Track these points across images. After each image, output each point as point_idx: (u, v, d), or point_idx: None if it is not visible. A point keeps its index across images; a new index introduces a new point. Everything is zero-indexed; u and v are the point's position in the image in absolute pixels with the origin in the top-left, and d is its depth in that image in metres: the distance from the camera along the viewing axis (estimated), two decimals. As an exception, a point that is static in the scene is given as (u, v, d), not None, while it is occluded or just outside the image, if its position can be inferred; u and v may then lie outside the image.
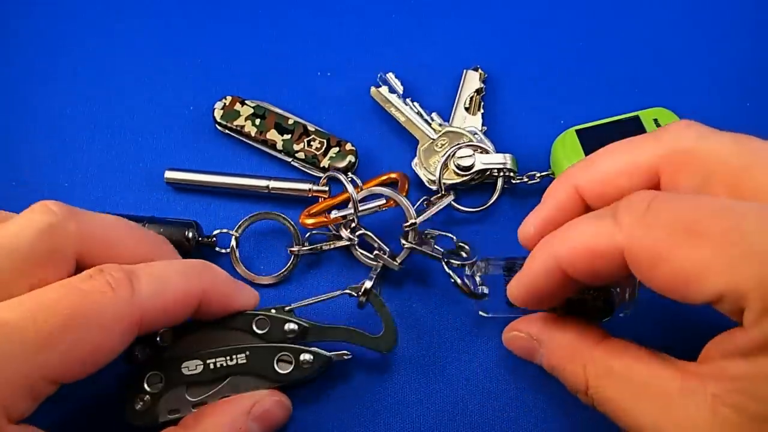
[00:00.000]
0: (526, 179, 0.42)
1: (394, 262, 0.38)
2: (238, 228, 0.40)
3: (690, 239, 0.24)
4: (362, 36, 0.48)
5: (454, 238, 0.40)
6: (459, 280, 0.37)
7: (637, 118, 0.41)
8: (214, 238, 0.40)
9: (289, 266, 0.40)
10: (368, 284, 0.36)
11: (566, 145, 0.41)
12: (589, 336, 0.31)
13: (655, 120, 0.41)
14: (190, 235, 0.39)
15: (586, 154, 0.38)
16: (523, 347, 0.34)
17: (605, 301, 0.33)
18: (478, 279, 0.37)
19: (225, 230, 0.40)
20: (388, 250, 0.38)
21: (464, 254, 0.39)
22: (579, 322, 0.32)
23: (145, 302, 0.29)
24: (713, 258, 0.24)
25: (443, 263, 0.37)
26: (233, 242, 0.40)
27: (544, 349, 0.33)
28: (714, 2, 0.49)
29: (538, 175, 0.41)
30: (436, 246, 0.39)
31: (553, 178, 0.40)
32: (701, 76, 0.46)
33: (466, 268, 0.37)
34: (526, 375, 0.37)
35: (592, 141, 0.40)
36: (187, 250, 0.38)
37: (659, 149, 0.29)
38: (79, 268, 0.30)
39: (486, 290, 0.37)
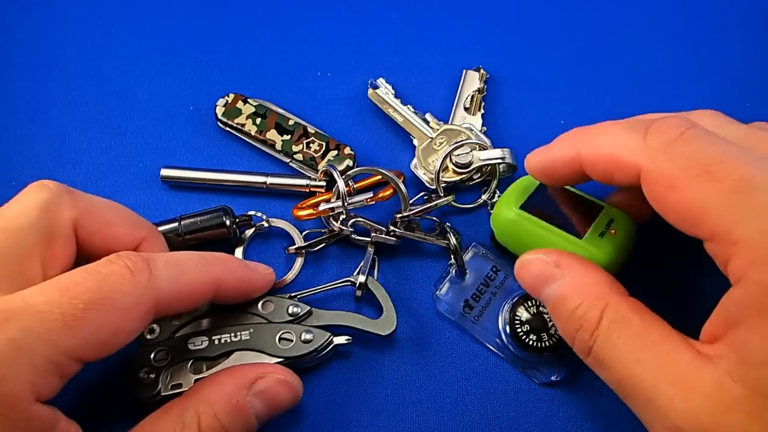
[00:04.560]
0: (472, 205, 0.42)
1: (392, 238, 0.39)
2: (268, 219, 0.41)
3: (704, 178, 0.26)
4: (362, 36, 0.48)
5: (436, 219, 0.40)
6: (454, 242, 0.39)
7: (600, 207, 0.36)
8: (247, 217, 0.40)
9: (295, 269, 0.40)
10: (362, 278, 0.38)
11: (521, 185, 0.38)
12: (617, 286, 0.31)
13: (610, 220, 0.36)
14: (228, 222, 0.39)
15: (528, 199, 0.37)
16: (541, 272, 0.32)
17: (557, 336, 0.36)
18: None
19: (259, 213, 0.41)
20: (384, 229, 0.39)
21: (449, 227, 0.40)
22: (607, 273, 0.32)
23: (162, 287, 0.30)
24: (719, 200, 0.26)
25: (443, 227, 0.40)
26: (250, 233, 0.40)
27: (567, 279, 0.31)
28: (717, 2, 0.49)
29: (491, 201, 0.42)
30: (425, 232, 0.40)
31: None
32: (703, 74, 0.46)
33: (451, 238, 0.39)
34: (525, 376, 0.38)
35: (545, 195, 0.37)
36: (227, 235, 0.39)
37: (643, 148, 0.29)
38: (80, 246, 0.32)
39: (444, 289, 0.39)
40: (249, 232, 0.41)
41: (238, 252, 0.40)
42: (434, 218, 0.40)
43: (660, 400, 0.27)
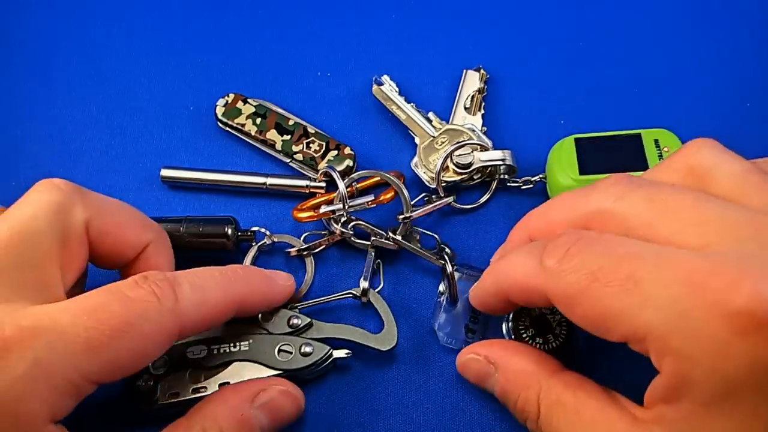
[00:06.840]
0: (521, 183, 0.42)
1: (391, 243, 0.39)
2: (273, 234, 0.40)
3: (595, 286, 0.26)
4: (362, 36, 0.48)
5: (437, 237, 0.40)
6: (449, 268, 0.38)
7: (638, 136, 0.39)
8: (250, 233, 0.40)
9: (307, 280, 0.40)
10: (364, 284, 0.38)
11: (562, 152, 0.40)
12: (547, 365, 0.32)
13: (656, 141, 0.39)
14: (230, 231, 0.38)
15: (580, 163, 0.38)
16: (478, 371, 0.34)
17: (567, 326, 0.35)
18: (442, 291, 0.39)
19: (263, 230, 0.40)
20: (383, 233, 0.39)
21: (447, 253, 0.39)
22: (537, 351, 0.33)
23: (186, 312, 0.30)
24: (614, 304, 0.25)
25: (436, 259, 0.39)
26: (253, 252, 0.40)
27: (499, 374, 0.33)
28: (717, 3, 0.49)
29: (533, 179, 0.41)
30: (421, 246, 0.40)
31: (545, 183, 0.41)
32: (702, 73, 0.46)
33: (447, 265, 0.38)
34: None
35: (588, 152, 0.39)
36: (226, 246, 0.39)
37: (588, 207, 0.30)
38: (90, 247, 0.32)
39: (442, 320, 0.38)
40: (252, 250, 0.40)
41: (247, 261, 0.40)
42: (435, 236, 0.40)
43: None
